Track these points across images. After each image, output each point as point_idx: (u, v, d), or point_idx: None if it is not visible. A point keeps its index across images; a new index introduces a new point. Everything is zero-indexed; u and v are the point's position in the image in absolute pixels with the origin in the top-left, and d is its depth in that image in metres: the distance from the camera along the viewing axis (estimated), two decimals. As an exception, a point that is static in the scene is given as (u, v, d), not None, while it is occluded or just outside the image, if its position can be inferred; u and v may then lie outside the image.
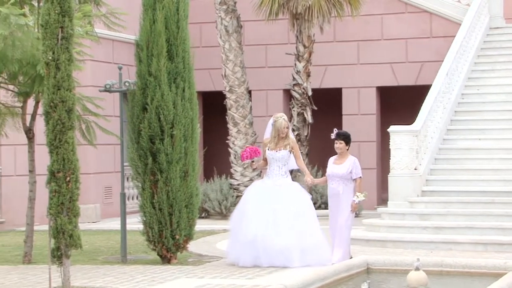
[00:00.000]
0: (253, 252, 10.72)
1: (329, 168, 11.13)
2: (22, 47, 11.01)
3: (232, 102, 19.20)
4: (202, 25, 21.23)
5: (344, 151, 11.09)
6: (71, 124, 9.15)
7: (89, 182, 18.10)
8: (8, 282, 10.03)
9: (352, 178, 11.01)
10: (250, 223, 10.79)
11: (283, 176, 11.08)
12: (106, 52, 18.67)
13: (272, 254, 10.68)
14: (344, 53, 20.89)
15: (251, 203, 10.96)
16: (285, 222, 10.76)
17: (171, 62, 11.53)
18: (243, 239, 10.81)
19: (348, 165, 11.00)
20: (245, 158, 11.11)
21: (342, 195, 10.98)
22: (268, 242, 10.68)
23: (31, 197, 11.80)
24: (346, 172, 10.96)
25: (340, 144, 11.10)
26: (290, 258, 10.68)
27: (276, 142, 11.11)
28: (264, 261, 10.69)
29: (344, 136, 11.16)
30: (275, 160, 11.04)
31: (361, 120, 20.82)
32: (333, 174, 11.04)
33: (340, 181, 10.98)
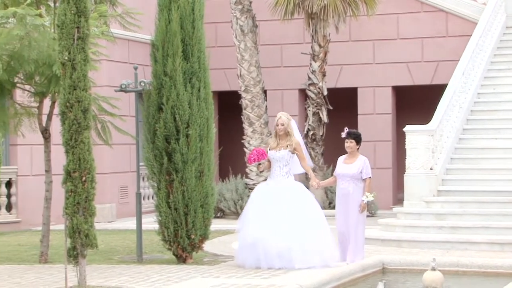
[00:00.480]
0: (254, 254, 10.57)
1: (339, 167, 11.00)
2: (38, 47, 11.05)
3: (247, 102, 19.21)
4: (217, 25, 21.25)
5: (354, 151, 11.00)
6: (87, 124, 9.17)
7: (105, 182, 18.15)
8: (25, 282, 10.07)
9: (362, 178, 10.88)
10: (251, 225, 10.65)
11: (284, 176, 10.81)
12: (121, 52, 18.72)
13: (272, 256, 10.49)
14: (359, 53, 20.85)
15: (253, 205, 10.81)
16: (286, 224, 10.54)
17: (187, 62, 11.55)
18: (245, 241, 10.70)
19: (358, 164, 10.88)
20: (252, 161, 10.86)
21: (352, 195, 10.83)
22: (268, 244, 10.49)
23: (47, 196, 11.85)
24: (356, 171, 10.83)
25: (351, 143, 11.01)
26: (291, 259, 10.46)
27: (277, 141, 10.90)
28: (264, 263, 10.52)
29: (355, 136, 11.09)
30: (276, 160, 10.81)
31: (377, 119, 20.77)
32: (343, 173, 10.91)
33: (350, 180, 10.85)
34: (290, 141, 10.83)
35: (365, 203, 10.80)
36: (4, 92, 11.19)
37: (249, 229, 10.66)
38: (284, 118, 10.88)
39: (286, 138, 10.85)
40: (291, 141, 10.83)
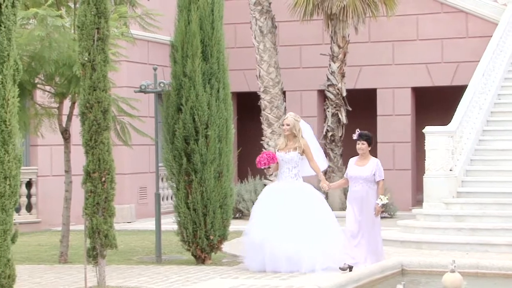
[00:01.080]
0: (260, 257, 10.38)
1: (351, 169, 10.74)
2: (58, 48, 11.11)
3: (266, 103, 19.20)
4: (236, 26, 21.26)
5: (366, 152, 10.75)
6: (106, 125, 9.21)
7: (124, 183, 18.21)
8: (45, 282, 10.12)
9: (375, 180, 10.65)
10: (257, 227, 10.47)
11: (292, 178, 10.62)
12: (141, 53, 18.78)
13: (279, 259, 10.27)
14: (379, 54, 20.80)
15: (260, 207, 10.64)
16: (294, 226, 10.32)
17: (206, 63, 11.57)
18: (251, 244, 10.52)
19: (371, 166, 10.66)
20: (262, 165, 10.65)
21: (366, 197, 10.59)
22: (274, 247, 10.27)
23: (67, 197, 11.90)
24: (370, 174, 10.62)
25: (363, 145, 10.75)
26: (299, 263, 10.25)
27: (286, 142, 10.73)
28: (269, 267, 10.31)
29: (367, 137, 10.81)
30: (284, 162, 10.62)
31: (396, 120, 20.71)
32: (357, 176, 10.67)
33: (364, 183, 10.62)
34: (298, 142, 10.65)
35: (380, 206, 10.59)
36: (25, 92, 11.25)
37: (255, 231, 10.48)
38: (290, 119, 10.70)
39: (294, 140, 10.68)
40: (300, 142, 10.66)
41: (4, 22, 7.14)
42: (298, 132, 10.69)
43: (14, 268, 7.23)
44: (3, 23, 7.13)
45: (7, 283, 7.14)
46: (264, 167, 10.72)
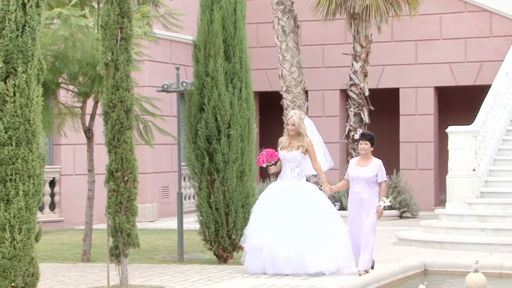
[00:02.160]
0: (260, 259, 10.09)
1: (353, 170, 10.29)
2: (82, 48, 11.17)
3: (288, 102, 19.20)
4: (259, 25, 21.27)
5: (368, 153, 10.35)
6: (129, 124, 9.24)
7: (146, 182, 18.27)
8: (68, 280, 10.18)
9: (377, 181, 10.21)
10: (257, 230, 10.16)
11: (295, 178, 10.28)
12: (164, 53, 18.83)
13: (279, 261, 9.98)
14: (401, 53, 20.72)
15: (261, 207, 10.33)
16: (296, 227, 9.99)
17: (228, 62, 11.58)
18: (251, 245, 10.21)
19: (373, 167, 10.25)
20: (261, 162, 10.26)
21: (367, 199, 10.14)
22: (274, 249, 9.98)
23: (90, 196, 11.96)
24: (372, 175, 10.19)
25: (366, 145, 10.33)
26: (303, 264, 9.94)
27: (289, 141, 10.37)
28: (270, 269, 10.05)
29: (370, 137, 10.43)
30: (287, 161, 10.27)
31: (419, 120, 20.62)
32: (358, 177, 10.21)
33: (365, 184, 10.17)
34: (302, 141, 10.31)
35: (382, 208, 10.18)
36: (49, 92, 11.31)
37: (255, 232, 10.18)
38: (295, 118, 10.36)
39: (298, 138, 10.33)
40: (303, 141, 10.31)
41: (29, 22, 7.19)
42: (304, 131, 10.37)
43: (38, 266, 7.28)
44: (27, 23, 7.18)
45: (31, 281, 7.20)
46: (266, 164, 10.34)
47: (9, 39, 7.10)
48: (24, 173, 7.10)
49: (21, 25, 7.16)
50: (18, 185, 7.06)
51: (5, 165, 7.06)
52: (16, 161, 7.08)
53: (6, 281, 7.02)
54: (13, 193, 7.05)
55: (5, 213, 7.01)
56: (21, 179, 7.08)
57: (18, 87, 7.11)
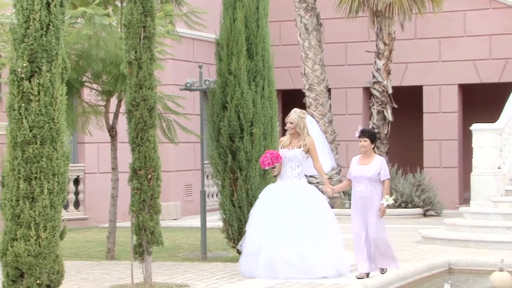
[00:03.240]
0: (257, 263, 9.76)
1: (354, 169, 9.94)
2: (105, 46, 11.21)
3: (311, 100, 19.17)
4: (281, 23, 21.25)
5: (369, 150, 9.96)
6: (152, 122, 9.26)
7: (169, 180, 18.32)
8: (92, 277, 10.23)
9: (380, 179, 9.86)
10: (255, 231, 9.86)
11: (296, 178, 9.97)
12: (186, 51, 18.87)
13: (277, 265, 9.64)
14: (425, 50, 20.62)
15: (260, 208, 10.01)
16: (297, 229, 9.70)
17: (251, 60, 11.58)
18: (248, 248, 9.91)
19: (376, 165, 9.87)
20: (266, 165, 9.96)
21: (370, 198, 9.79)
22: (272, 252, 9.66)
23: (113, 194, 12.00)
24: (374, 173, 9.82)
25: (365, 142, 9.95)
26: (309, 269, 9.61)
27: (290, 139, 10.09)
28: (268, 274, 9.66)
29: (369, 134, 10.06)
30: (288, 160, 9.95)
31: (443, 118, 20.51)
32: (361, 176, 9.85)
33: (368, 183, 9.81)
34: (303, 140, 10.03)
35: (385, 207, 9.81)
36: (73, 91, 11.37)
37: (253, 234, 9.87)
38: (294, 116, 10.09)
39: (299, 137, 10.06)
40: (305, 140, 10.02)
41: (53, 21, 7.22)
42: (303, 129, 10.05)
43: (63, 264, 7.32)
44: (52, 22, 7.21)
45: (56, 278, 7.24)
46: (269, 167, 10.08)
47: (34, 38, 7.14)
48: (49, 171, 7.14)
49: (46, 24, 7.20)
50: (43, 183, 7.10)
51: (30, 163, 7.11)
52: (41, 159, 7.12)
53: (32, 278, 7.07)
54: (38, 191, 7.09)
55: (30, 211, 7.06)
56: (45, 177, 7.12)
57: (42, 86, 7.15)
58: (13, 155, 7.14)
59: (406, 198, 18.62)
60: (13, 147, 7.15)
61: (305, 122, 10.10)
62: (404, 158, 20.75)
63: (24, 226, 7.07)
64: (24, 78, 7.15)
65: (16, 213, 7.09)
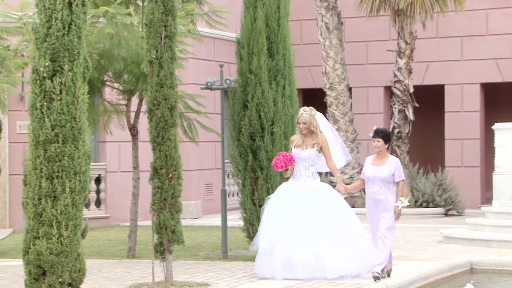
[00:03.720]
0: (272, 262, 9.55)
1: (368, 170, 9.69)
2: (127, 46, 11.25)
3: (332, 99, 19.13)
4: (302, 22, 21.22)
5: (383, 150, 9.69)
6: (173, 122, 9.28)
7: (190, 179, 18.35)
8: (114, 276, 10.27)
9: (394, 181, 9.61)
10: (269, 230, 9.65)
11: (309, 178, 9.80)
12: (207, 50, 18.89)
13: (293, 265, 9.43)
14: (447, 49, 20.51)
15: (273, 207, 9.77)
16: (313, 228, 9.48)
17: (272, 59, 11.58)
18: (262, 247, 9.69)
19: (390, 166, 9.61)
20: (279, 168, 9.73)
21: (384, 200, 9.56)
22: (290, 251, 9.46)
23: (134, 193, 12.04)
24: (388, 174, 9.57)
25: (378, 142, 9.67)
26: (322, 268, 9.41)
27: (302, 139, 9.88)
28: (284, 273, 9.48)
29: (383, 134, 9.76)
30: (301, 160, 9.76)
31: (465, 117, 20.40)
32: (374, 176, 9.61)
33: (382, 184, 9.58)
34: (316, 139, 9.82)
35: (400, 209, 9.59)
36: (94, 90, 11.42)
37: (268, 233, 9.66)
38: (306, 116, 9.85)
39: (312, 136, 9.85)
40: (318, 139, 9.83)
41: (75, 21, 7.25)
42: (316, 128, 9.86)
43: (84, 262, 7.35)
44: (73, 22, 7.25)
45: (77, 276, 7.27)
46: (282, 170, 9.85)
47: (56, 38, 7.18)
48: (71, 170, 7.17)
49: (67, 23, 7.23)
50: (65, 182, 7.14)
51: (52, 162, 7.14)
52: (62, 158, 7.15)
53: (54, 276, 7.10)
54: (60, 189, 7.13)
55: (52, 209, 7.09)
56: (67, 176, 7.15)
57: (64, 85, 7.19)
58: (35, 154, 7.18)
59: (427, 197, 18.54)
60: (35, 146, 7.18)
61: (316, 120, 9.91)
62: (426, 157, 20.66)
63: (46, 225, 7.10)
64: (46, 77, 7.18)
65: (38, 211, 7.13)
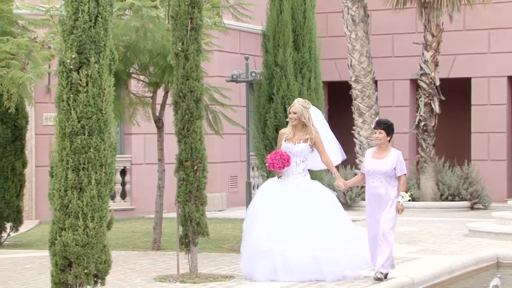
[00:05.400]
0: (269, 264, 8.99)
1: (368, 163, 9.18)
2: (153, 38, 11.27)
3: (357, 92, 19.06)
4: (328, 15, 21.15)
5: (385, 143, 9.15)
6: (199, 114, 9.29)
7: (215, 171, 18.37)
8: (139, 267, 10.31)
9: (396, 175, 9.11)
10: (263, 230, 9.08)
11: (300, 174, 9.23)
12: (233, 43, 18.88)
13: (293, 267, 8.93)
14: (474, 42, 20.35)
15: (262, 206, 9.23)
16: (308, 228, 9.02)
17: (297, 52, 11.55)
18: (256, 249, 9.10)
19: (391, 160, 9.10)
20: (276, 168, 9.13)
21: (385, 195, 9.08)
22: (288, 253, 8.93)
23: (160, 185, 12.08)
24: (390, 168, 9.06)
25: (380, 134, 9.12)
26: (320, 271, 8.96)
27: (294, 132, 9.29)
28: (283, 276, 8.96)
29: (386, 125, 9.20)
30: (292, 155, 9.17)
31: (491, 110, 20.23)
32: (374, 170, 9.10)
33: (382, 178, 9.07)
34: (309, 133, 9.25)
35: (402, 205, 9.10)
36: (120, 82, 11.46)
37: (260, 234, 9.09)
38: (297, 106, 9.25)
39: (303, 130, 9.27)
40: (311, 133, 9.25)
41: (101, 13, 7.27)
42: (308, 120, 9.26)
43: (110, 253, 7.39)
44: (100, 14, 7.27)
45: (103, 268, 7.31)
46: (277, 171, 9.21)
47: (82, 30, 7.20)
48: (96, 162, 7.20)
49: (94, 16, 7.25)
50: (91, 174, 7.17)
51: (78, 154, 7.17)
52: (88, 150, 7.18)
53: (80, 267, 7.14)
54: (86, 181, 7.16)
55: (78, 201, 7.13)
56: (93, 168, 7.18)
57: (90, 77, 7.21)
58: (61, 146, 7.21)
59: (453, 191, 18.43)
60: (62, 138, 7.22)
61: (309, 113, 9.32)
62: (452, 150, 20.53)
63: (72, 216, 7.14)
64: (73, 69, 7.21)
65: (64, 203, 7.17)
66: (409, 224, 15.07)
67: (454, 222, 15.43)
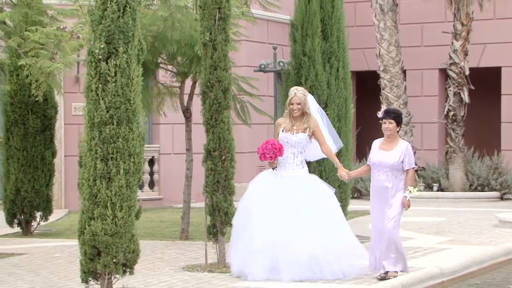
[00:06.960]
0: (266, 262, 8.54)
1: (375, 154, 8.72)
2: (181, 28, 11.28)
3: (386, 82, 18.95)
4: (356, 4, 21.03)
5: (394, 133, 8.67)
6: (227, 104, 9.29)
7: (243, 161, 18.36)
8: (167, 257, 10.35)
9: (403, 168, 8.63)
10: (259, 226, 8.60)
11: (298, 166, 8.73)
12: (260, 32, 18.85)
13: (292, 264, 8.49)
14: (504, 31, 20.14)
15: (257, 200, 8.75)
16: (306, 224, 8.56)
17: (326, 41, 11.50)
18: (251, 246, 8.62)
19: (399, 152, 8.61)
20: (267, 158, 8.62)
21: (391, 189, 8.62)
22: (285, 250, 8.50)
23: (188, 175, 12.10)
24: (397, 160, 8.59)
25: (390, 124, 8.65)
26: (318, 269, 8.53)
27: (292, 122, 8.78)
28: (283, 274, 8.50)
29: (396, 115, 8.70)
30: (290, 146, 8.68)
31: (522, 100, 20.04)
32: (381, 163, 8.63)
33: (389, 172, 8.61)
34: (308, 122, 8.75)
35: (408, 200, 8.61)
36: (148, 72, 11.48)
37: (257, 231, 8.61)
38: (300, 95, 8.72)
39: (302, 119, 8.76)
40: (309, 122, 8.75)
41: (130, 3, 7.28)
42: (309, 110, 8.81)
43: (138, 243, 7.42)
44: (128, 4, 7.28)
45: (131, 257, 7.34)
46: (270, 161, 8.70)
47: (111, 20, 7.22)
48: (125, 152, 7.22)
49: (122, 6, 7.26)
50: (119, 164, 7.19)
51: (106, 143, 7.20)
52: (117, 139, 7.21)
53: (108, 257, 7.18)
54: (114, 171, 7.19)
55: (106, 190, 7.16)
56: (122, 157, 7.21)
57: (119, 67, 7.23)
58: (90, 136, 7.25)
59: (482, 181, 18.30)
60: (91, 128, 7.25)
61: (308, 101, 8.84)
62: (481, 140, 20.35)
63: (101, 206, 7.18)
64: (102, 59, 7.23)
65: (93, 192, 7.20)
66: (438, 215, 14.99)
67: (483, 212, 15.32)
